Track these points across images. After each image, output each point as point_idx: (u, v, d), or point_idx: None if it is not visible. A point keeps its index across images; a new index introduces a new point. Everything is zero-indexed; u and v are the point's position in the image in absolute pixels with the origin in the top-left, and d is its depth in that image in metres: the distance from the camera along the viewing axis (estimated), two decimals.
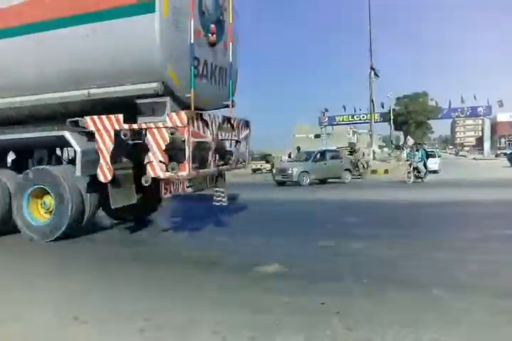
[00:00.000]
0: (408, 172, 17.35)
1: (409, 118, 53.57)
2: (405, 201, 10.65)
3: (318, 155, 18.95)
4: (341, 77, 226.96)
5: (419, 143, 20.75)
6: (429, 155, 20.01)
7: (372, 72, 27.03)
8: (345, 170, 19.28)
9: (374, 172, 24.09)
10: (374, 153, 29.34)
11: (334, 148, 32.37)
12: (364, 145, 39.66)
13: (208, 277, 4.16)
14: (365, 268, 4.30)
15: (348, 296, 3.44)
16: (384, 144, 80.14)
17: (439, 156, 26.56)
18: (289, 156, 39.51)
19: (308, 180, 17.66)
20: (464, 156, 63.98)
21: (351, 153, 31.02)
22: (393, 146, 51.91)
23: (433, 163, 23.16)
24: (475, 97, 51.32)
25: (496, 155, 49.53)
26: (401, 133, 58.83)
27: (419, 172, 17.29)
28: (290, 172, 17.64)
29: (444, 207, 9.37)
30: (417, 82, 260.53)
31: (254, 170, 28.75)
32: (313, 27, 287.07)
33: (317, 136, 65.57)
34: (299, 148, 22.85)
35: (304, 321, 2.93)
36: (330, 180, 18.67)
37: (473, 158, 52.31)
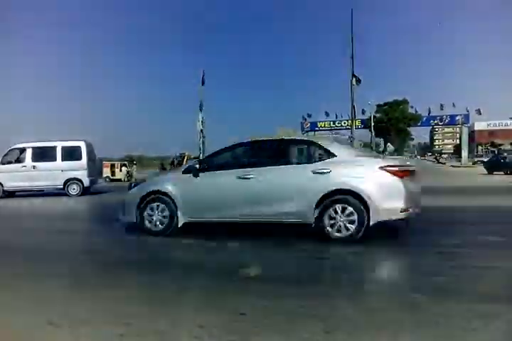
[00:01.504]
0: None
1: (390, 125, 54.38)
2: None
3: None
4: (325, 83, 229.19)
5: None
6: None
7: (354, 79, 27.26)
8: None
9: None
10: None
11: None
12: None
13: (188, 281, 4.14)
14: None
15: (327, 299, 3.46)
16: None
17: None
18: None
19: None
20: (443, 164, 65.16)
21: None
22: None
23: None
24: (454, 105, 52.67)
25: (474, 163, 50.58)
26: (382, 139, 59.66)
27: None
28: None
29: None
30: (399, 90, 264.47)
31: None
32: (298, 32, 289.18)
33: None
34: None
35: (282, 324, 2.95)
36: None
37: (452, 166, 53.37)
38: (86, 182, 16.92)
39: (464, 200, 11.86)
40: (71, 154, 16.73)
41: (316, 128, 62.57)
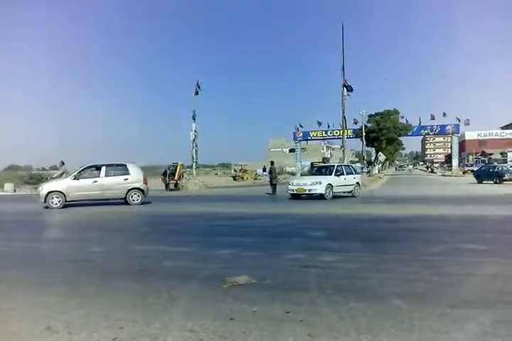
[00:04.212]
0: None
1: (381, 134, 54.73)
2: None
3: (82, 172, 15.78)
4: (318, 94, 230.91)
5: None
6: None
7: (345, 90, 27.68)
8: (132, 189, 16.02)
9: None
10: None
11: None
12: (337, 160, 40.56)
13: (180, 288, 4.29)
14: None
15: (312, 306, 3.63)
16: (357, 159, 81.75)
17: (347, 173, 18.54)
18: (264, 170, 39.96)
19: (60, 202, 15.05)
20: (434, 173, 65.89)
21: None
22: (365, 162, 53.08)
23: (313, 185, 16.81)
24: (444, 114, 53.34)
25: (464, 172, 51.16)
26: (373, 149, 60.07)
27: None
28: (39, 191, 15.47)
29: None
30: (390, 100, 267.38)
31: None
32: (291, 43, 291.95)
33: (292, 151, 66.66)
34: (272, 163, 23.14)
35: (269, 329, 3.11)
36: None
37: (442, 175, 53.97)
38: None
39: (450, 209, 12.13)
40: None
41: (309, 138, 62.96)
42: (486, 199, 16.50)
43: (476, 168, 39.97)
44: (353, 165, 21.10)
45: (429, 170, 79.49)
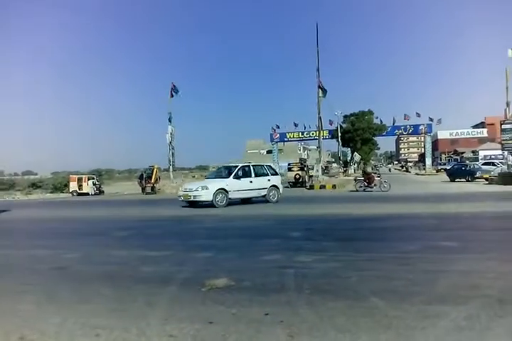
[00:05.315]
0: None
1: (356, 135, 55.39)
2: None
3: None
4: (294, 95, 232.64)
5: None
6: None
7: (320, 91, 27.92)
8: None
9: (323, 187, 24.71)
10: (323, 168, 30.14)
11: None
12: (314, 160, 40.89)
13: (159, 292, 4.24)
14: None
15: (291, 306, 3.64)
16: (333, 160, 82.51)
17: (259, 175, 16.03)
18: None
19: None
20: (409, 172, 67.15)
21: (302, 168, 31.87)
22: (341, 162, 53.65)
23: (198, 190, 14.60)
24: (418, 115, 54.41)
25: (437, 171, 52.31)
26: (348, 149, 60.75)
27: None
28: None
29: None
30: (364, 101, 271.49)
31: None
32: (268, 43, 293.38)
33: (269, 152, 66.93)
34: None
35: (248, 331, 3.10)
36: None
37: (416, 174, 55.02)
38: None
39: (424, 207, 12.36)
40: None
41: (286, 139, 63.38)
42: (459, 197, 16.85)
43: (448, 167, 40.89)
44: (271, 165, 17.83)
45: (404, 169, 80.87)
